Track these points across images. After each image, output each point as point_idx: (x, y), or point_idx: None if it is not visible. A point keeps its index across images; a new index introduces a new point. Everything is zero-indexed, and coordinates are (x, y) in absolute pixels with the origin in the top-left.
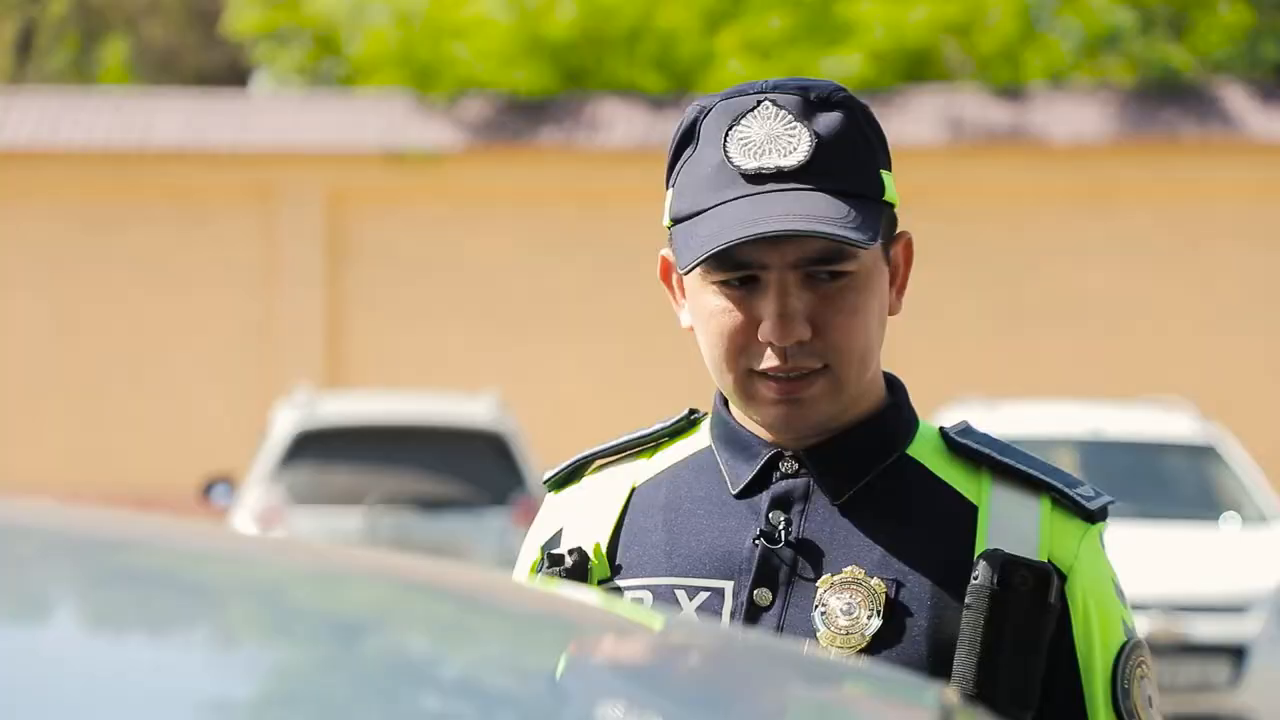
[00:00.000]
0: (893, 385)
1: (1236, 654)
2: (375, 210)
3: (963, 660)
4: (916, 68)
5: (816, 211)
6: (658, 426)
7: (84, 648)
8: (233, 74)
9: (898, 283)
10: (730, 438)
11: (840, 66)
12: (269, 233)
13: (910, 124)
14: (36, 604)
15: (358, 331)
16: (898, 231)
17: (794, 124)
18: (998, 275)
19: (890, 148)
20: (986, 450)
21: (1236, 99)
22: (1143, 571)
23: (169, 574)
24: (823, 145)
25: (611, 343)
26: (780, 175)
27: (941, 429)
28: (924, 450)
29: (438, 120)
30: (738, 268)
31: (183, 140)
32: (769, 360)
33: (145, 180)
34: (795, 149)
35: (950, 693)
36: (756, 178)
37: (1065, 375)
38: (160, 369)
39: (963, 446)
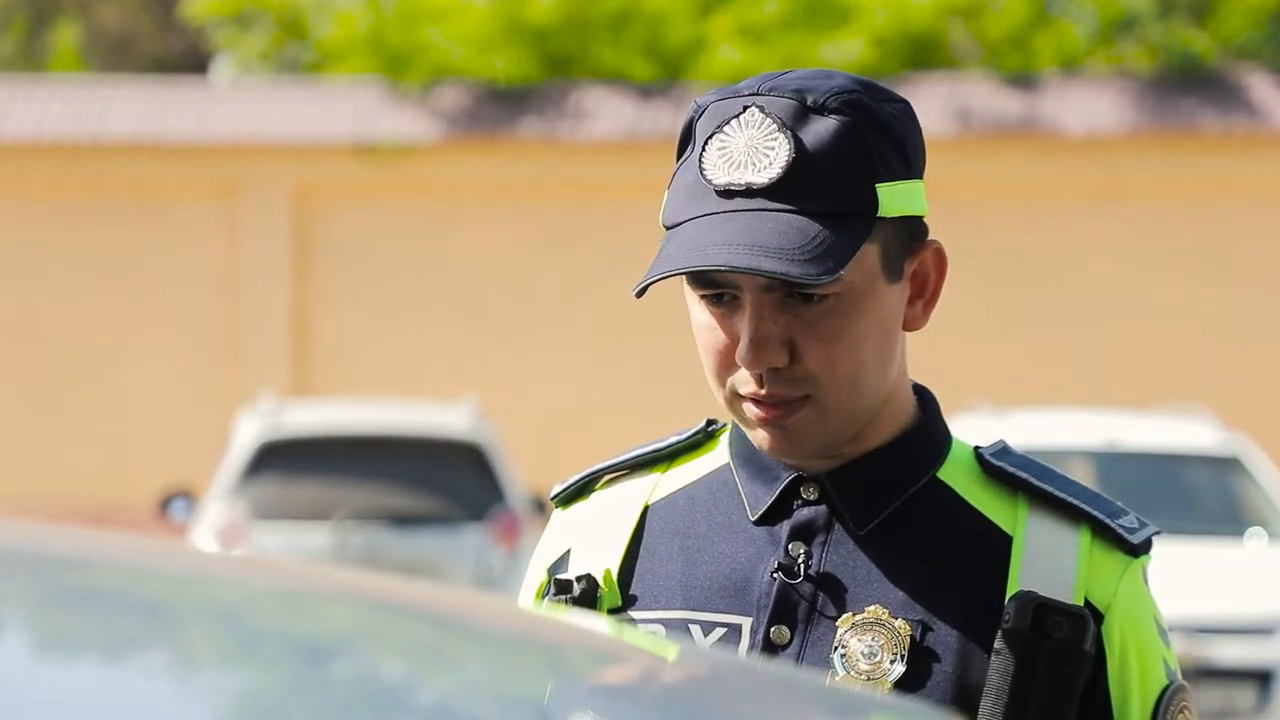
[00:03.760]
0: (924, 401)
1: (1263, 679)
2: (345, 206)
3: (989, 709)
4: (921, 54)
5: (771, 241)
6: (673, 439)
7: (35, 672)
8: (192, 61)
9: (926, 295)
10: (749, 457)
11: (839, 53)
12: (232, 230)
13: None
14: None
15: (326, 335)
16: (926, 240)
17: (775, 134)
18: (1007, 275)
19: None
20: (1023, 475)
21: (1261, 88)
22: (1163, 592)
23: (125, 594)
24: (802, 159)
25: (599, 347)
26: (750, 192)
27: (976, 449)
28: (956, 473)
29: (412, 110)
30: (713, 285)
31: (139, 132)
32: (747, 385)
33: (99, 174)
34: (771, 163)
35: None
36: (726, 193)
37: (1079, 381)
38: (115, 374)
39: (998, 470)
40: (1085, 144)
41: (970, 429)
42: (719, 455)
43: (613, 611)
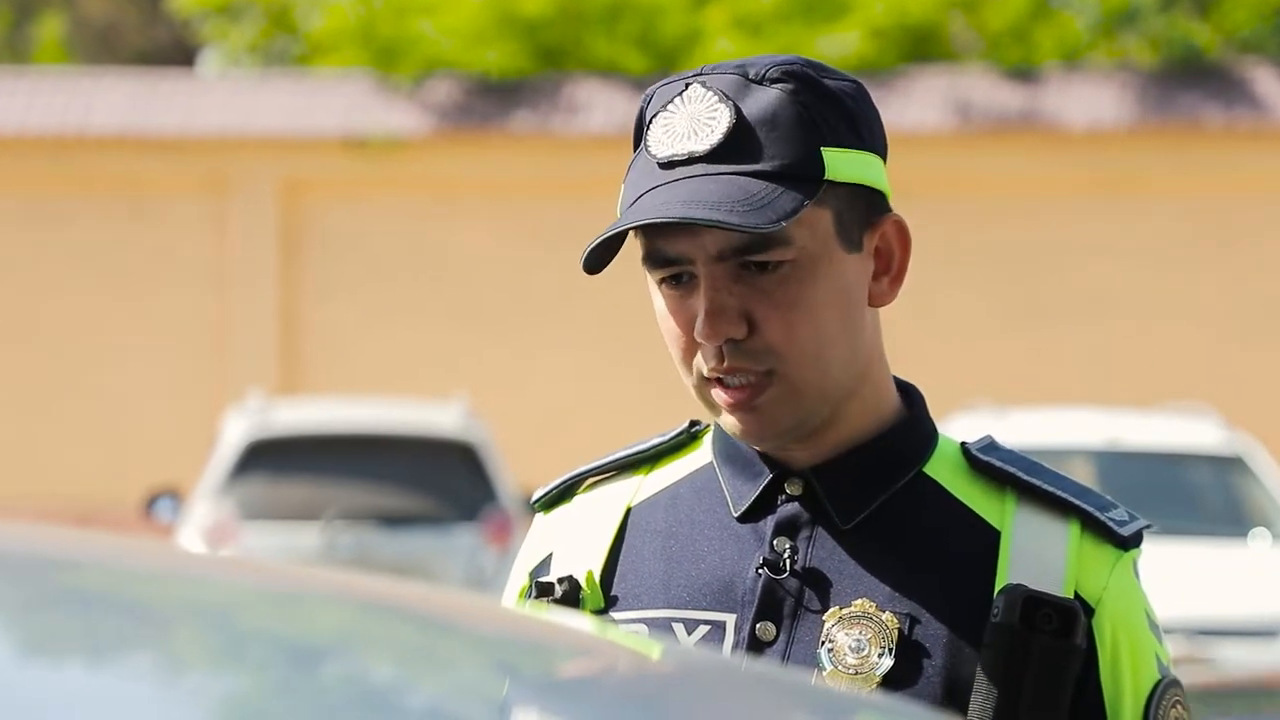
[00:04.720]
0: (909, 396)
1: None
2: (334, 201)
3: (979, 704)
4: (920, 46)
5: (711, 197)
6: (655, 441)
7: (19, 675)
8: (179, 53)
9: (892, 270)
10: (732, 454)
11: (837, 45)
12: (219, 226)
13: (914, 108)
14: None
15: (315, 332)
16: (885, 215)
17: (717, 105)
18: (1007, 272)
19: (891, 134)
20: (1011, 469)
21: (1265, 81)
22: (1165, 593)
23: (110, 595)
24: (743, 125)
25: (593, 344)
26: (691, 160)
27: (963, 444)
28: (943, 469)
29: (402, 103)
30: (666, 264)
31: (125, 125)
32: (709, 361)
33: (84, 169)
34: (712, 131)
35: None
36: (669, 165)
37: (1081, 380)
38: (101, 372)
39: (985, 465)
40: (1086, 138)
41: (971, 428)
42: (702, 455)
43: (596, 613)
